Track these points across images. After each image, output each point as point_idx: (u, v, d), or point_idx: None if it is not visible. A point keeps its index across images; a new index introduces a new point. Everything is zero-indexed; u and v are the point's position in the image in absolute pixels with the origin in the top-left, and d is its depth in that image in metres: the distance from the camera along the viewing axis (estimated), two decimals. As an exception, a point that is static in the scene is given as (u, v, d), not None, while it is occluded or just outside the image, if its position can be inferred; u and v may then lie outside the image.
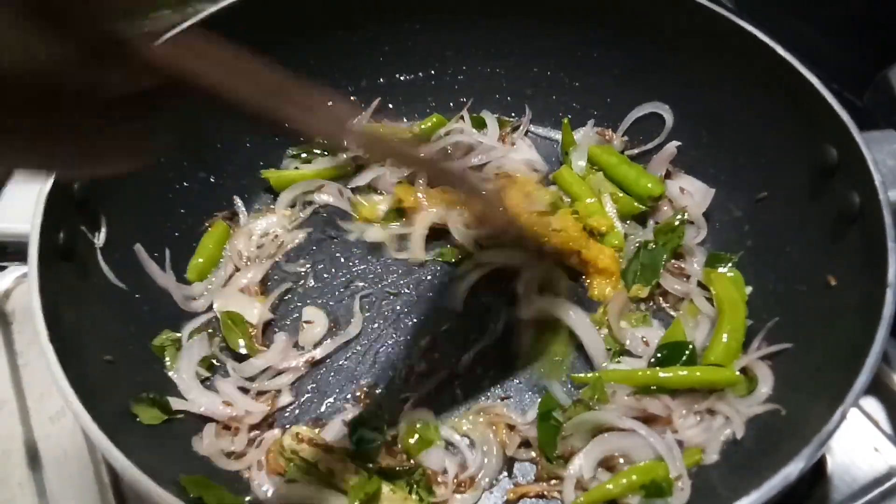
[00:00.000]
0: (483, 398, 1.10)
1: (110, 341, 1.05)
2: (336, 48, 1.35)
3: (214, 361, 1.14)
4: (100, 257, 1.08)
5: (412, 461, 1.03)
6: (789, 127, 1.11)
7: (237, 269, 1.24)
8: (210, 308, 1.19)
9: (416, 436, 1.04)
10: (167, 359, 1.11)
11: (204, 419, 1.07)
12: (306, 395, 1.12)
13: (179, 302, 1.17)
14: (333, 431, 1.05)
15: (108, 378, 1.00)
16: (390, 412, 1.07)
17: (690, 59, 1.23)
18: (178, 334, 1.14)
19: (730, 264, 1.18)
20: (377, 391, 1.11)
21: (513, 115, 1.42)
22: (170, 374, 1.10)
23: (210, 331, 1.16)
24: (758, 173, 1.18)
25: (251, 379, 1.11)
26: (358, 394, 1.11)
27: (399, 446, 1.04)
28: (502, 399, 1.10)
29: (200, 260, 1.23)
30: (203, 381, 1.11)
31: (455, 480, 1.01)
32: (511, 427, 1.06)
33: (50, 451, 1.08)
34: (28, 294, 0.91)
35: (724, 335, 1.08)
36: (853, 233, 0.98)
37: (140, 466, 0.81)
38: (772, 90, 1.12)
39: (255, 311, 1.18)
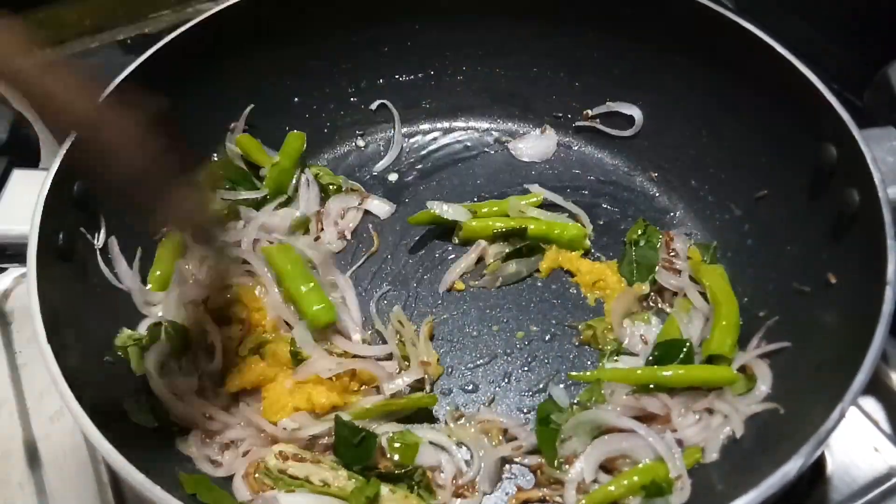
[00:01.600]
0: (469, 406, 1.10)
1: (109, 341, 1.06)
2: (336, 48, 1.36)
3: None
4: (99, 258, 1.08)
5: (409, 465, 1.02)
6: (789, 125, 1.10)
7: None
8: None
9: (399, 444, 1.03)
10: (131, 360, 1.07)
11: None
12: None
13: (139, 305, 1.14)
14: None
15: (107, 378, 1.00)
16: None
17: (691, 59, 1.23)
18: (137, 332, 1.10)
19: (710, 252, 1.19)
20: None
21: (517, 112, 1.43)
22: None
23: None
24: (758, 172, 1.18)
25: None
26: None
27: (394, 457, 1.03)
28: (489, 405, 1.10)
29: (158, 272, 1.18)
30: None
31: (454, 482, 1.01)
32: (505, 431, 1.06)
33: (49, 450, 1.08)
34: (27, 294, 0.91)
35: (722, 326, 1.08)
36: (853, 230, 0.98)
37: (138, 466, 0.81)
38: (772, 89, 1.12)
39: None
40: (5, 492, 1.04)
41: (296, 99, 1.38)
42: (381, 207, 1.33)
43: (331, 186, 1.32)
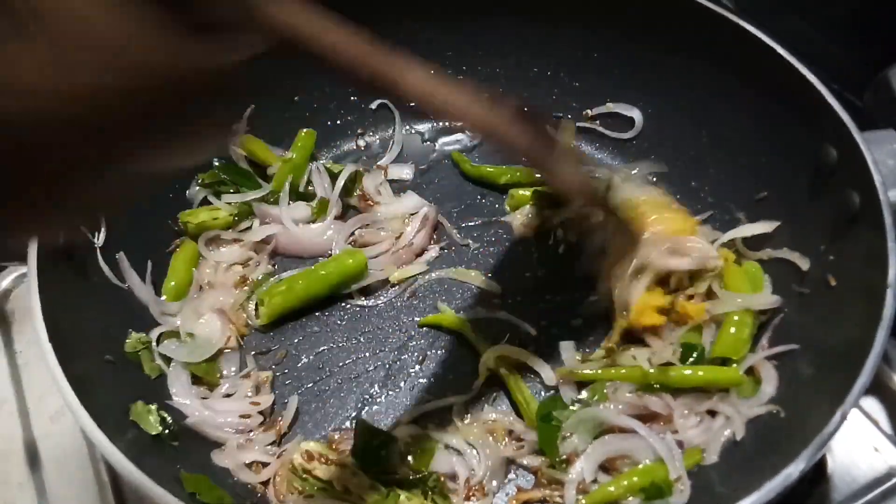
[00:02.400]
0: (479, 408, 1.10)
1: (110, 341, 1.05)
2: (336, 48, 1.35)
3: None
4: (99, 257, 1.08)
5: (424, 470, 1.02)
6: (789, 127, 1.10)
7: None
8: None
9: (416, 449, 1.02)
10: (143, 364, 1.07)
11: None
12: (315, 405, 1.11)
13: (156, 316, 1.13)
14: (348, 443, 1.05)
15: (108, 378, 1.00)
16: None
17: (691, 60, 1.23)
18: (147, 336, 1.10)
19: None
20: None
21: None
22: (173, 397, 1.07)
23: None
24: (758, 173, 1.18)
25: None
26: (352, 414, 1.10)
27: (409, 459, 1.03)
28: (492, 403, 1.10)
29: (173, 283, 1.17)
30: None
31: (466, 486, 1.01)
32: (510, 432, 1.06)
33: (50, 450, 1.08)
34: (28, 293, 0.91)
35: (732, 328, 1.07)
36: (853, 233, 0.98)
37: (139, 466, 0.81)
38: (772, 90, 1.12)
39: (219, 336, 1.13)
40: (5, 492, 1.04)
41: (296, 98, 1.38)
42: (402, 171, 1.37)
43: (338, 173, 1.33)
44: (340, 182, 1.29)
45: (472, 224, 1.30)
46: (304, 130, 1.36)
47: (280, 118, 1.36)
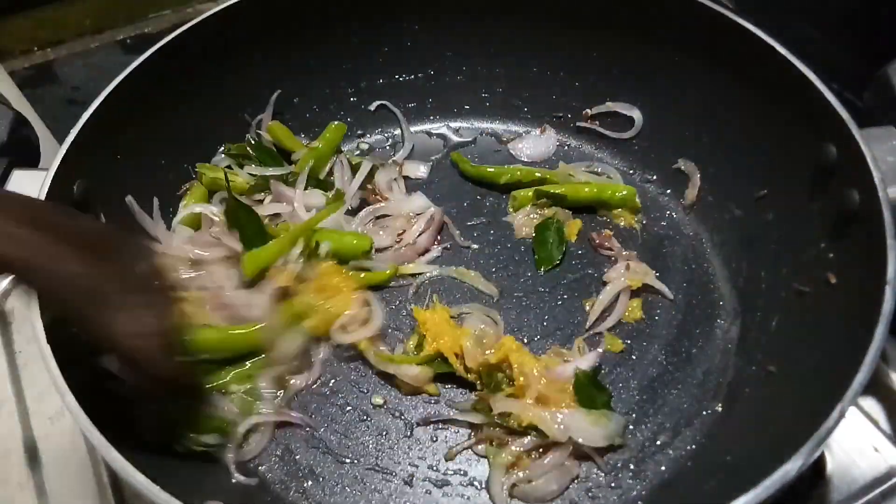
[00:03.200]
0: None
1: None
2: (336, 48, 1.36)
3: None
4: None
5: None
6: (789, 125, 1.10)
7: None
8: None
9: None
10: None
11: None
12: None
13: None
14: None
15: (108, 378, 1.00)
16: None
17: (691, 59, 1.24)
18: None
19: None
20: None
21: (517, 112, 1.43)
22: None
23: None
24: (757, 172, 1.18)
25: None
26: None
27: None
28: None
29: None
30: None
31: None
32: None
33: (50, 451, 1.08)
34: (27, 293, 0.91)
35: None
36: (853, 230, 0.97)
37: (138, 466, 0.81)
38: (772, 89, 1.12)
39: None
40: (5, 492, 1.04)
41: (296, 100, 1.38)
42: (417, 169, 1.38)
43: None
44: (360, 177, 1.31)
45: (473, 224, 1.30)
46: (335, 123, 1.38)
47: (279, 119, 1.37)
